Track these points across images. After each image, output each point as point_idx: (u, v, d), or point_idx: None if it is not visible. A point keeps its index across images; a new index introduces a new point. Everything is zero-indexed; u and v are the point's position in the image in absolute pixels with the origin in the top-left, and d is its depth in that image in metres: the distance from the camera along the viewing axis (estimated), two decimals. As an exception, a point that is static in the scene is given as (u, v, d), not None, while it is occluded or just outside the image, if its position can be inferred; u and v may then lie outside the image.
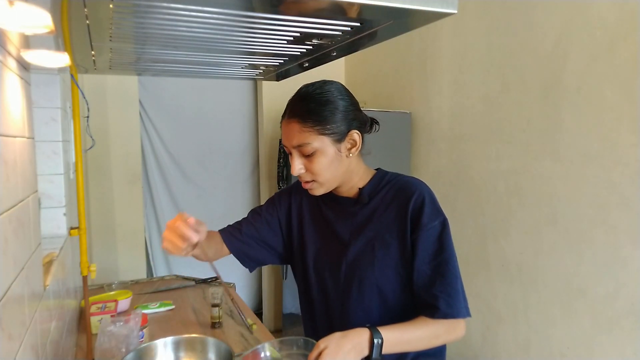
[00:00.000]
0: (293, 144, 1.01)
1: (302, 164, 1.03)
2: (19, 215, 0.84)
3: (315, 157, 1.00)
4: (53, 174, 1.56)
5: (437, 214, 1.03)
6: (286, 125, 1.03)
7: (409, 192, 1.05)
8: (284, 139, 1.04)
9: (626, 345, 1.66)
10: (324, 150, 1.00)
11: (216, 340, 1.25)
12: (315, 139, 0.99)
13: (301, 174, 1.04)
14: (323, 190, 1.07)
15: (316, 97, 1.01)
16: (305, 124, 0.99)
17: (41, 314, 1.00)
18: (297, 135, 1.00)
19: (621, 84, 1.64)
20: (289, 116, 1.02)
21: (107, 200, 3.13)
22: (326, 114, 1.00)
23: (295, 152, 1.03)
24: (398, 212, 1.05)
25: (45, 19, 0.74)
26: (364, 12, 0.74)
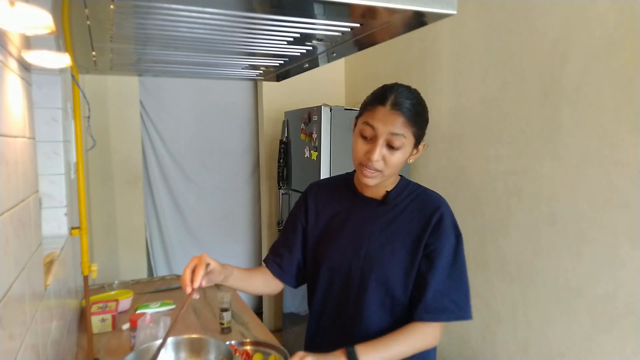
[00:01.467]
0: (392, 131, 1.04)
1: (383, 153, 1.06)
2: (20, 215, 0.84)
3: (398, 152, 1.06)
4: (54, 174, 1.57)
5: (455, 228, 1.15)
6: (388, 113, 1.04)
7: (434, 204, 1.15)
8: (378, 122, 1.05)
9: (625, 345, 1.66)
10: (406, 148, 1.07)
11: (216, 341, 1.25)
12: (408, 136, 1.06)
13: (377, 161, 1.07)
14: (379, 181, 1.11)
15: (422, 103, 1.10)
16: (409, 120, 1.05)
17: (42, 313, 1.00)
18: (399, 126, 1.04)
19: (620, 84, 1.64)
20: (394, 106, 1.04)
21: (108, 200, 3.13)
22: (423, 119, 1.10)
23: (382, 141, 1.05)
24: (420, 220, 1.13)
25: (46, 19, 0.74)
26: (363, 13, 0.75)
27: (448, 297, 1.11)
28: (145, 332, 1.50)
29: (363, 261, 1.14)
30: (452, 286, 1.12)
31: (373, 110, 1.07)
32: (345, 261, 1.17)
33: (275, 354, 1.45)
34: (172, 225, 3.70)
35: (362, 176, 1.10)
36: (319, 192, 1.28)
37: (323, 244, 1.22)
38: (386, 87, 1.10)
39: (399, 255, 1.12)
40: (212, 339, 1.26)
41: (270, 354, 1.45)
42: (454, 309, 1.11)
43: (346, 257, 1.17)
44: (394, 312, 1.15)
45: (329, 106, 2.67)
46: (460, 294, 1.13)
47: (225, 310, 1.70)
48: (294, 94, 3.46)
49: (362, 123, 1.09)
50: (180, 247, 3.74)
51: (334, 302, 1.21)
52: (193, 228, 3.77)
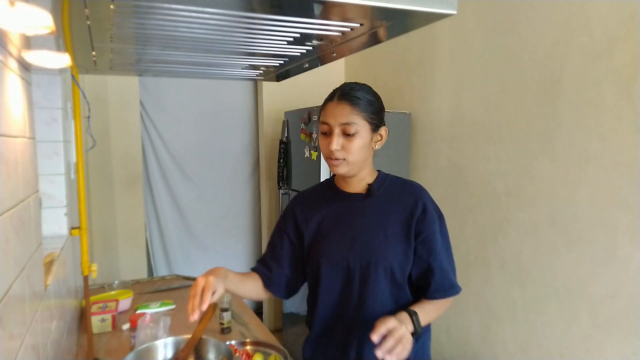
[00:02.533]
0: (341, 121, 1.13)
1: (341, 142, 1.14)
2: (20, 215, 0.84)
3: (355, 138, 1.13)
4: (54, 174, 1.57)
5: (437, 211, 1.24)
6: (335, 106, 1.14)
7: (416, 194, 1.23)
8: (329, 116, 1.15)
9: (625, 345, 1.66)
10: (363, 134, 1.14)
11: (216, 341, 1.26)
12: (360, 122, 1.13)
13: (337, 150, 1.14)
14: (346, 170, 1.17)
15: (365, 90, 1.17)
16: (355, 107, 1.13)
17: (42, 313, 1.00)
18: (347, 115, 1.13)
19: (620, 84, 1.64)
20: (340, 99, 1.14)
21: (108, 200, 3.13)
22: (372, 105, 1.16)
23: (337, 131, 1.14)
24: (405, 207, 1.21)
25: (46, 19, 0.74)
26: (363, 13, 0.75)
27: (452, 273, 1.23)
28: (145, 332, 1.50)
29: (360, 251, 1.19)
30: (451, 263, 1.24)
31: (324, 108, 1.18)
32: (343, 256, 1.21)
33: (275, 354, 1.45)
34: (172, 225, 3.70)
35: (331, 167, 1.19)
36: (304, 200, 1.33)
37: (317, 246, 1.25)
38: (340, 86, 1.19)
39: (392, 239, 1.19)
40: (212, 339, 1.26)
41: (270, 354, 1.45)
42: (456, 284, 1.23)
43: (343, 252, 1.21)
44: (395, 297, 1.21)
45: (329, 106, 2.67)
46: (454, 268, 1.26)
47: (225, 310, 1.70)
48: (294, 94, 3.46)
49: (320, 123, 1.19)
50: (180, 247, 3.74)
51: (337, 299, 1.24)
52: (193, 228, 3.77)
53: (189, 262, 3.75)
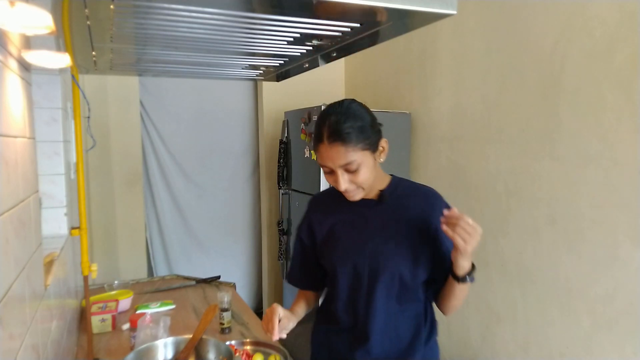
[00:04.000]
0: (340, 164, 1.09)
1: (348, 179, 1.12)
2: (20, 215, 0.84)
3: (360, 171, 1.10)
4: (54, 174, 1.57)
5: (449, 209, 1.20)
6: (329, 149, 1.09)
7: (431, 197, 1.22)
8: (326, 160, 1.11)
9: (625, 345, 1.66)
10: (366, 162, 1.11)
11: (216, 341, 1.26)
12: (359, 155, 1.09)
13: (348, 187, 1.13)
14: (362, 195, 1.17)
15: (350, 118, 1.09)
16: (348, 145, 1.07)
17: (42, 313, 1.00)
18: (343, 157, 1.08)
19: (620, 84, 1.64)
20: (330, 140, 1.08)
21: (108, 200, 3.13)
22: (362, 131, 1.09)
23: (340, 171, 1.11)
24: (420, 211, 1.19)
25: (46, 19, 0.74)
26: (363, 13, 0.75)
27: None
28: (145, 332, 1.50)
29: (369, 258, 1.19)
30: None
31: (318, 151, 1.13)
32: (351, 261, 1.21)
33: (275, 354, 1.45)
34: (172, 225, 3.70)
35: (347, 197, 1.17)
36: (318, 204, 1.35)
37: (329, 250, 1.27)
38: (319, 119, 1.13)
39: (403, 246, 1.18)
40: (212, 339, 1.26)
41: (270, 354, 1.45)
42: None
43: (351, 257, 1.22)
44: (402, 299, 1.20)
45: (329, 106, 2.67)
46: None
47: (225, 310, 1.70)
48: (294, 94, 3.46)
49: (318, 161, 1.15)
50: (180, 247, 3.74)
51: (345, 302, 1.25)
52: (193, 228, 3.77)
53: (189, 262, 3.75)
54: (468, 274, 1.12)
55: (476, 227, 1.03)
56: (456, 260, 1.08)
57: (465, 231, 1.02)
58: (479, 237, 1.03)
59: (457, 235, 1.02)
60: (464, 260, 1.08)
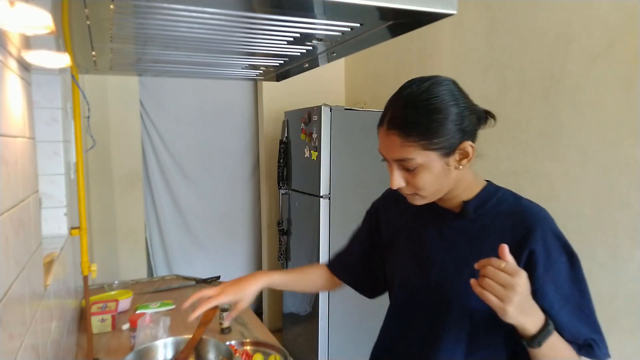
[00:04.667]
0: (394, 157, 0.87)
1: (402, 177, 0.89)
2: (19, 216, 0.84)
3: (419, 172, 0.86)
4: (54, 174, 1.57)
5: (564, 247, 0.91)
6: (385, 136, 0.88)
7: (530, 220, 0.91)
8: (380, 147, 0.90)
9: (626, 345, 1.66)
10: (429, 165, 0.86)
11: (216, 341, 1.25)
12: (419, 154, 0.85)
13: (401, 187, 0.90)
14: (425, 201, 0.93)
15: (422, 105, 0.85)
16: (408, 138, 0.84)
17: (42, 313, 1.00)
18: (397, 150, 0.86)
19: (621, 84, 1.64)
20: (389, 126, 0.87)
21: (107, 200, 3.13)
22: (434, 126, 0.84)
23: (395, 165, 0.89)
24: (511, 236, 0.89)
25: (45, 19, 0.74)
26: (363, 13, 0.74)
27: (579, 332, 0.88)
28: (145, 332, 1.50)
29: (436, 287, 0.95)
30: (582, 319, 0.89)
31: (379, 133, 0.91)
32: (412, 285, 1.00)
33: (275, 354, 1.45)
34: (172, 225, 3.70)
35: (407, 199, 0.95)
36: (389, 200, 1.14)
37: (390, 259, 1.08)
38: (394, 94, 0.92)
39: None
40: (212, 339, 1.26)
41: (270, 354, 1.45)
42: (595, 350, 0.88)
43: (412, 277, 1.01)
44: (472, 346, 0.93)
45: (329, 106, 2.67)
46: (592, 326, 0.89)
47: (225, 310, 1.70)
48: (294, 94, 3.46)
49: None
50: (180, 247, 3.74)
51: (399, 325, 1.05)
52: (193, 228, 3.77)
53: (189, 262, 3.75)
54: (535, 336, 0.79)
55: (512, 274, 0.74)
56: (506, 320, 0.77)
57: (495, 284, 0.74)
58: (519, 288, 0.74)
59: (486, 291, 0.75)
60: (516, 320, 0.77)
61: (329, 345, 2.79)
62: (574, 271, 0.91)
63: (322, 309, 2.74)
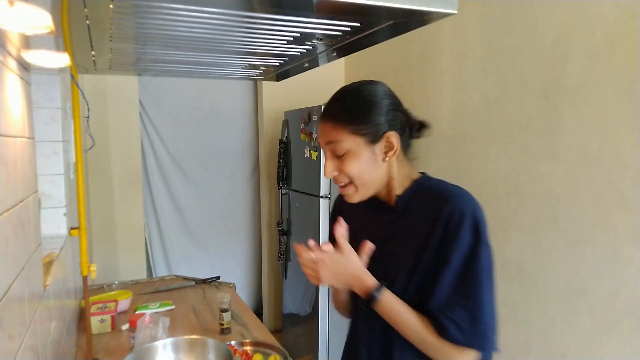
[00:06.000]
0: (325, 140, 0.97)
1: (334, 165, 0.97)
2: (19, 216, 0.84)
3: (348, 158, 0.95)
4: (53, 174, 1.57)
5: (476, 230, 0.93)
6: (320, 126, 0.99)
7: (443, 199, 0.94)
8: (319, 137, 1.00)
9: (626, 346, 1.66)
10: (356, 151, 0.94)
11: (216, 341, 1.25)
12: (347, 139, 0.94)
13: (334, 176, 0.98)
14: (359, 196, 0.99)
15: (352, 95, 0.97)
16: (337, 123, 0.94)
17: (41, 314, 1.00)
18: (329, 134, 0.95)
19: (621, 84, 1.64)
20: (323, 115, 0.98)
21: (107, 200, 3.13)
22: (360, 113, 0.94)
23: (327, 152, 0.98)
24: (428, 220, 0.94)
25: (45, 19, 0.74)
26: (363, 12, 0.74)
27: (446, 313, 0.90)
28: (144, 333, 1.50)
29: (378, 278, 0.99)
30: (455, 302, 0.91)
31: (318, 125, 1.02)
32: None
33: (275, 355, 1.44)
34: (171, 225, 3.70)
35: (345, 197, 1.02)
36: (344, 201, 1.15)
37: None
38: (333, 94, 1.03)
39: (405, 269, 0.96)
40: (212, 339, 1.26)
41: (270, 355, 1.45)
42: (451, 328, 0.89)
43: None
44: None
45: (328, 106, 2.67)
46: (462, 313, 0.90)
47: (225, 310, 1.70)
48: (294, 94, 3.46)
49: None
50: (180, 247, 3.74)
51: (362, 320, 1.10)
52: (192, 228, 3.77)
53: (189, 262, 3.75)
54: (364, 299, 0.94)
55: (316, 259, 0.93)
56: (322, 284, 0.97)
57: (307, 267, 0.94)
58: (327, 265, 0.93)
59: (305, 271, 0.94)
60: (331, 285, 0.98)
61: (329, 346, 2.78)
62: (479, 254, 0.94)
63: (322, 310, 2.74)
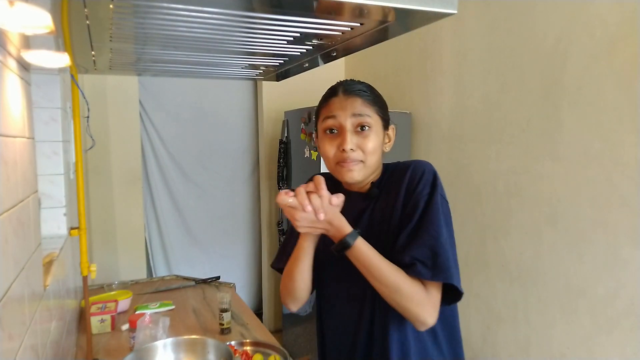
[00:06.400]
0: (354, 112, 1.00)
1: (355, 141, 1.00)
2: (19, 216, 0.84)
3: (370, 134, 1.01)
4: (53, 174, 1.56)
5: (433, 186, 1.01)
6: (344, 99, 1.02)
7: (403, 169, 1.05)
8: (336, 110, 1.02)
9: (626, 345, 1.66)
10: (377, 130, 1.03)
11: (216, 341, 1.25)
12: (374, 116, 1.02)
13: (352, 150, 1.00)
14: (362, 175, 1.03)
15: (369, 86, 1.06)
16: (366, 99, 1.02)
17: (41, 314, 1.00)
18: (359, 107, 1.01)
19: (621, 84, 1.64)
20: (347, 92, 1.02)
21: (107, 200, 3.13)
22: (381, 101, 1.06)
23: (349, 126, 1.00)
24: (394, 194, 1.03)
25: (45, 19, 0.74)
26: (364, 12, 0.74)
27: (408, 253, 0.95)
28: (144, 333, 1.50)
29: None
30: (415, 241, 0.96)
31: (328, 104, 1.04)
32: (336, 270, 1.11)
33: (275, 355, 1.44)
34: (171, 225, 3.70)
35: (345, 173, 1.01)
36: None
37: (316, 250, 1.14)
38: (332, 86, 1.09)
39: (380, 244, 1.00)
40: (212, 339, 1.26)
41: (270, 355, 1.45)
42: (418, 267, 0.94)
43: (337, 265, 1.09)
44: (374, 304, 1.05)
45: (328, 106, 2.67)
46: (422, 250, 0.95)
47: (225, 310, 1.70)
48: (294, 94, 3.46)
49: (323, 120, 1.04)
50: (180, 247, 3.74)
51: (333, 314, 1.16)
52: (192, 228, 3.77)
53: (188, 262, 3.75)
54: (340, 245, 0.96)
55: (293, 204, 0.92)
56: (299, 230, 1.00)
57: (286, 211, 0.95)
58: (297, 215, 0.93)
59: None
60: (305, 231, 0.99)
61: (328, 346, 2.78)
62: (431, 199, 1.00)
63: (322, 309, 2.73)
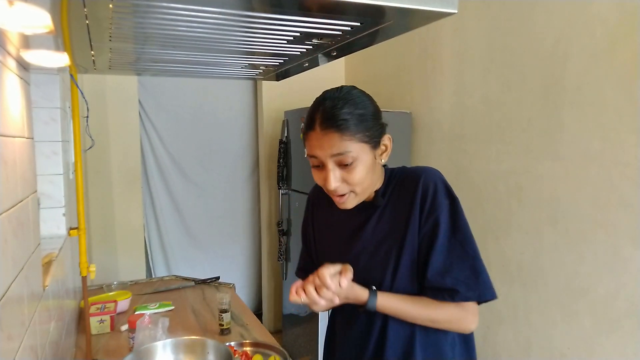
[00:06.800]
0: (332, 152, 0.93)
1: (339, 176, 0.96)
2: (18, 216, 0.83)
3: (355, 167, 0.95)
4: (52, 174, 1.56)
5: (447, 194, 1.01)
6: (321, 136, 0.94)
7: (414, 178, 1.03)
8: (316, 150, 0.96)
9: (627, 346, 1.66)
10: (363, 158, 0.95)
11: (216, 342, 1.25)
12: (356, 147, 0.94)
13: (337, 187, 0.97)
14: (356, 201, 1.01)
15: (350, 102, 0.95)
16: (345, 132, 0.92)
17: (40, 314, 0.99)
18: (337, 145, 0.93)
19: (621, 83, 1.64)
20: (323, 126, 0.94)
21: (106, 201, 3.13)
22: (362, 120, 0.95)
23: (331, 164, 0.95)
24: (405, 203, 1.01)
25: (44, 19, 0.74)
26: (364, 11, 0.74)
27: (450, 275, 0.97)
28: (143, 333, 1.50)
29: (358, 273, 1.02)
30: (454, 263, 0.98)
31: (308, 139, 0.98)
32: None
33: (275, 355, 1.44)
34: (170, 225, 3.70)
35: (338, 203, 1.01)
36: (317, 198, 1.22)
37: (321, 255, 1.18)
38: (313, 105, 0.99)
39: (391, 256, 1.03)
40: (212, 340, 1.26)
41: (270, 355, 1.45)
42: (461, 288, 0.97)
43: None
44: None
45: (328, 106, 2.66)
46: (464, 270, 0.98)
47: (225, 311, 1.70)
48: (294, 94, 3.46)
49: (307, 155, 1.00)
50: (179, 247, 3.74)
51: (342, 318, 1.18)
52: (192, 228, 3.76)
53: (188, 262, 3.74)
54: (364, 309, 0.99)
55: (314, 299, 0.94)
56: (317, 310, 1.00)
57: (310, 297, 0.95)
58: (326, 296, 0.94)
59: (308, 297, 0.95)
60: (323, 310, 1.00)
61: (328, 346, 2.78)
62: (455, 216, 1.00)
63: (322, 310, 2.73)
